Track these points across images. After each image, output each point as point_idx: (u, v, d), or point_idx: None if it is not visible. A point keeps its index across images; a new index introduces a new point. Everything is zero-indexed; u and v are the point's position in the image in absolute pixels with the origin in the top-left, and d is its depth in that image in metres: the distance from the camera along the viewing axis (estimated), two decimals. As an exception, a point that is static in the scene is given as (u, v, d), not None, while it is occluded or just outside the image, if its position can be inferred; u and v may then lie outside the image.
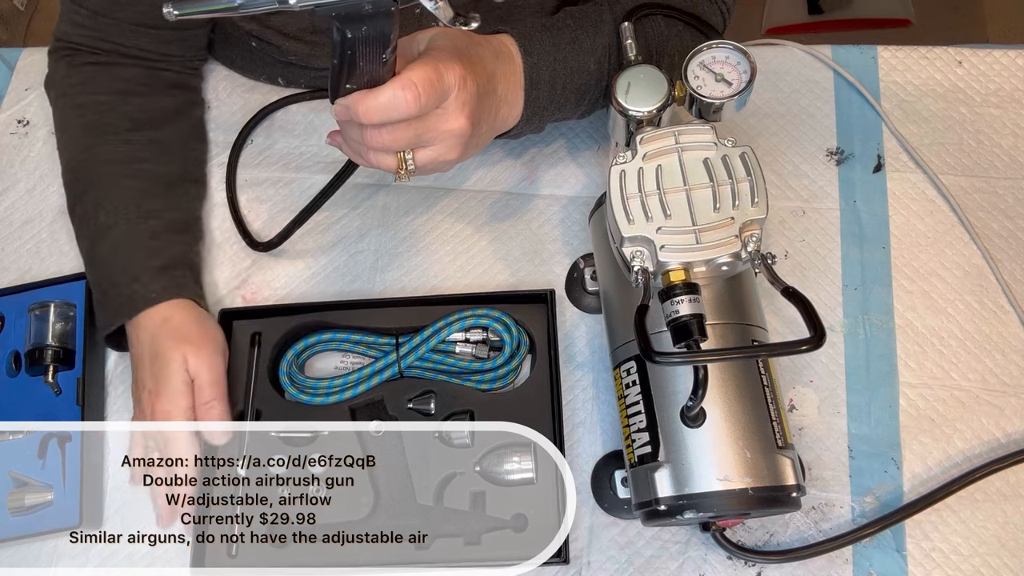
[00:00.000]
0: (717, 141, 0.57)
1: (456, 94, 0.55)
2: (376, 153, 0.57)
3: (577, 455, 0.70)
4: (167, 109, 0.79)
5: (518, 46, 0.64)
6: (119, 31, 0.75)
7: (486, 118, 0.61)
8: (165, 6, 0.45)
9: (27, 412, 0.73)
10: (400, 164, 0.57)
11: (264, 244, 0.78)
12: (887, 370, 0.72)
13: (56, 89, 0.79)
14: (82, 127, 0.76)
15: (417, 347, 0.71)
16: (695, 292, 0.54)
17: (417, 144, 0.57)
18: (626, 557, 0.67)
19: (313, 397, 0.71)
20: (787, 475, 0.57)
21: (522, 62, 0.64)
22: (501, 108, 0.63)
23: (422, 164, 0.58)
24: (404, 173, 0.58)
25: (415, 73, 0.52)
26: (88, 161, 0.75)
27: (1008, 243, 0.77)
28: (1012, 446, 0.69)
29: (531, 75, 0.64)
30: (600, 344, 0.74)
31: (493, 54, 0.62)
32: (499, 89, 0.62)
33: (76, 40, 0.77)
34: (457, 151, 0.58)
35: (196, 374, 0.68)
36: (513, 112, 0.65)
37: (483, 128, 0.61)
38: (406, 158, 0.57)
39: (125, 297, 0.70)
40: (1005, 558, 0.66)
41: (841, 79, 0.84)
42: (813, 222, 0.78)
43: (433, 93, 0.53)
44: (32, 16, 2.01)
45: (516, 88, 0.64)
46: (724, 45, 0.60)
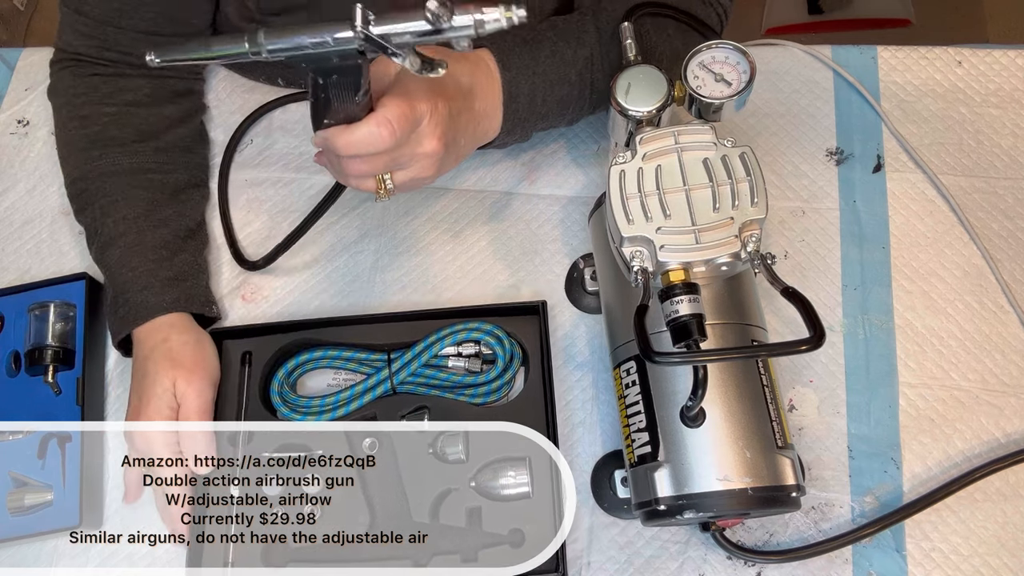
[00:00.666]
0: (717, 141, 0.57)
1: (428, 120, 0.57)
2: (355, 178, 0.60)
3: (577, 455, 0.70)
4: (172, 117, 0.80)
5: (496, 61, 0.65)
6: (124, 39, 0.75)
7: (463, 134, 0.63)
8: (148, 54, 0.50)
9: (27, 412, 0.73)
10: (379, 185, 0.60)
11: (252, 263, 0.78)
12: (887, 370, 0.72)
13: (60, 99, 0.79)
14: (87, 138, 0.76)
15: (409, 363, 0.71)
16: (695, 292, 0.54)
17: (393, 168, 0.59)
18: (626, 557, 0.67)
19: (305, 416, 0.71)
20: (787, 475, 0.57)
21: (500, 76, 0.65)
22: (481, 122, 0.65)
23: (400, 184, 0.61)
24: (384, 192, 0.61)
25: (389, 110, 0.54)
26: (94, 172, 0.74)
27: (1008, 243, 0.77)
28: (1012, 446, 0.69)
29: (509, 89, 0.65)
30: (600, 344, 0.74)
31: (469, 70, 0.63)
32: (477, 105, 0.64)
33: (80, 51, 0.77)
34: (431, 170, 0.61)
35: (183, 399, 0.69)
36: (493, 125, 0.67)
37: (460, 143, 0.63)
38: (384, 179, 0.60)
39: (133, 306, 0.71)
40: (1005, 558, 0.66)
41: (841, 79, 0.84)
42: (813, 222, 0.78)
43: (407, 126, 0.56)
44: (32, 16, 2.01)
45: (495, 102, 0.65)
46: (724, 45, 0.60)
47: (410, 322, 0.73)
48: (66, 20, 0.76)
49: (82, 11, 0.74)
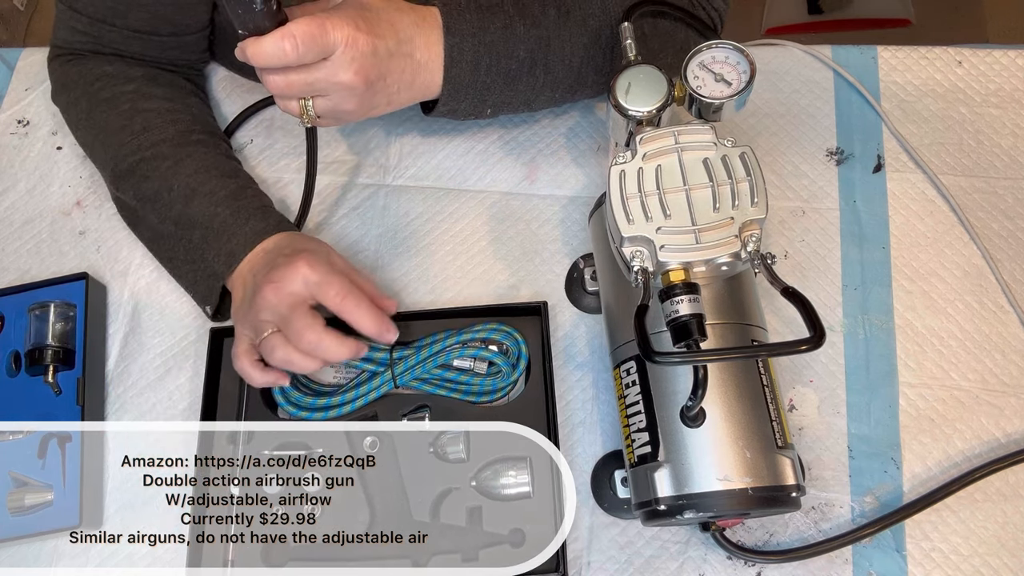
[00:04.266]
0: (717, 141, 0.57)
1: (343, 50, 0.60)
2: (280, 99, 0.64)
3: (577, 455, 0.70)
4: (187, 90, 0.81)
5: (442, 21, 0.66)
6: (120, 38, 0.75)
7: (394, 78, 0.64)
8: None
9: (27, 412, 0.73)
10: (302, 110, 0.63)
11: None
12: (887, 370, 0.72)
13: (74, 92, 0.78)
14: (123, 116, 0.75)
15: (414, 366, 0.71)
16: (695, 292, 0.54)
17: (312, 93, 0.62)
18: (626, 557, 0.67)
19: (309, 412, 0.70)
20: (787, 475, 0.57)
21: (444, 37, 0.66)
22: (420, 74, 0.66)
23: (321, 111, 0.64)
24: (307, 118, 0.64)
25: (297, 26, 0.58)
26: (146, 143, 0.74)
27: (1008, 243, 0.77)
28: (1012, 446, 0.69)
29: (451, 52, 0.66)
30: (600, 344, 0.74)
31: (413, 21, 0.65)
32: (417, 54, 0.65)
33: (76, 47, 0.77)
34: (352, 103, 0.63)
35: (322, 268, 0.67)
36: (434, 80, 0.68)
37: (392, 88, 0.65)
38: (307, 105, 0.63)
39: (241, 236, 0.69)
40: (1005, 558, 0.66)
41: (841, 79, 0.84)
42: (813, 222, 0.78)
43: (313, 46, 0.58)
44: (32, 16, 2.01)
45: (433, 58, 0.67)
46: (723, 45, 0.60)
47: (410, 322, 0.73)
48: (61, 16, 0.76)
49: (76, 7, 0.74)
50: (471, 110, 0.72)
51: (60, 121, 0.83)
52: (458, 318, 0.73)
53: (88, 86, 0.77)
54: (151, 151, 0.73)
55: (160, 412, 0.75)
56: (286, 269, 0.64)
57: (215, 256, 0.70)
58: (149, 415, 0.75)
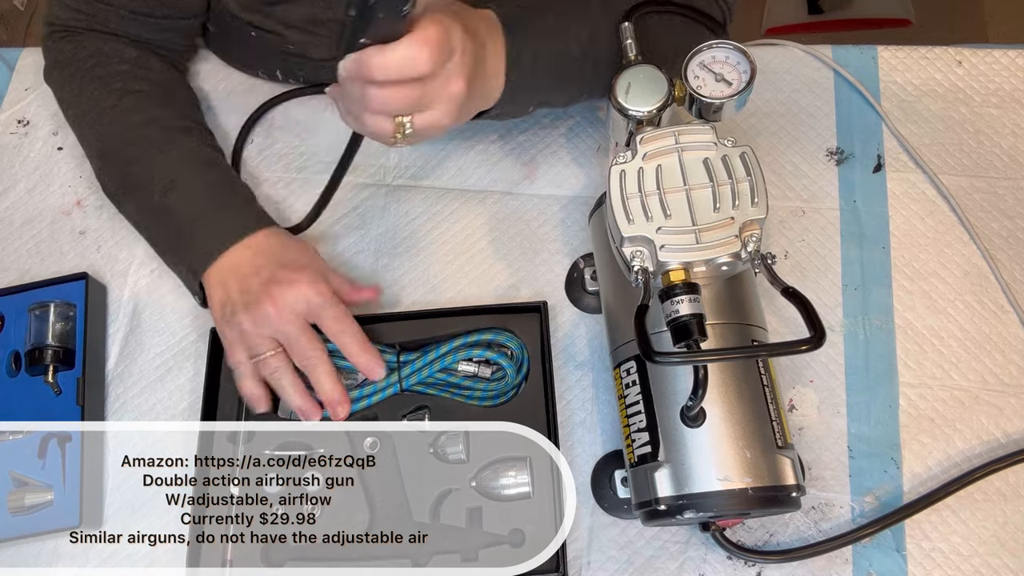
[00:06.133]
0: (717, 141, 0.57)
1: (459, 56, 0.54)
2: (374, 116, 0.55)
3: (577, 455, 0.70)
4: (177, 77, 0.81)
5: (502, 24, 0.64)
6: (114, 17, 0.75)
7: (478, 86, 0.60)
8: None
9: (27, 412, 0.73)
10: (398, 129, 0.55)
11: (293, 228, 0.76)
12: (887, 370, 0.72)
13: (69, 69, 0.78)
14: (115, 94, 0.75)
15: (420, 369, 0.70)
16: (695, 292, 0.54)
17: (418, 107, 0.55)
18: (626, 557, 0.67)
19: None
20: (787, 475, 0.57)
21: (505, 39, 0.63)
22: (489, 80, 0.63)
23: (420, 128, 0.56)
24: (401, 138, 0.56)
25: (429, 31, 0.51)
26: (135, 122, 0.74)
27: (1008, 243, 0.77)
28: (1012, 446, 0.69)
29: (512, 54, 0.64)
30: (600, 344, 0.74)
31: (485, 26, 0.61)
32: (488, 62, 0.62)
33: (71, 24, 0.77)
34: (453, 115, 0.57)
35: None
36: (497, 86, 0.64)
37: (476, 94, 0.60)
38: (404, 123, 0.55)
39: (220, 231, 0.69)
40: (1005, 558, 0.66)
41: (841, 79, 0.84)
42: (813, 222, 0.78)
43: (445, 52, 0.52)
44: (32, 16, 2.01)
45: (499, 64, 0.63)
46: (724, 45, 0.60)
47: (410, 321, 0.73)
48: None
49: None
50: (516, 112, 0.70)
51: (60, 121, 0.83)
52: (458, 317, 0.73)
53: (82, 62, 0.77)
54: (138, 132, 0.74)
55: (160, 412, 0.75)
56: (288, 288, 0.65)
57: (192, 251, 0.70)
58: (149, 415, 0.75)
